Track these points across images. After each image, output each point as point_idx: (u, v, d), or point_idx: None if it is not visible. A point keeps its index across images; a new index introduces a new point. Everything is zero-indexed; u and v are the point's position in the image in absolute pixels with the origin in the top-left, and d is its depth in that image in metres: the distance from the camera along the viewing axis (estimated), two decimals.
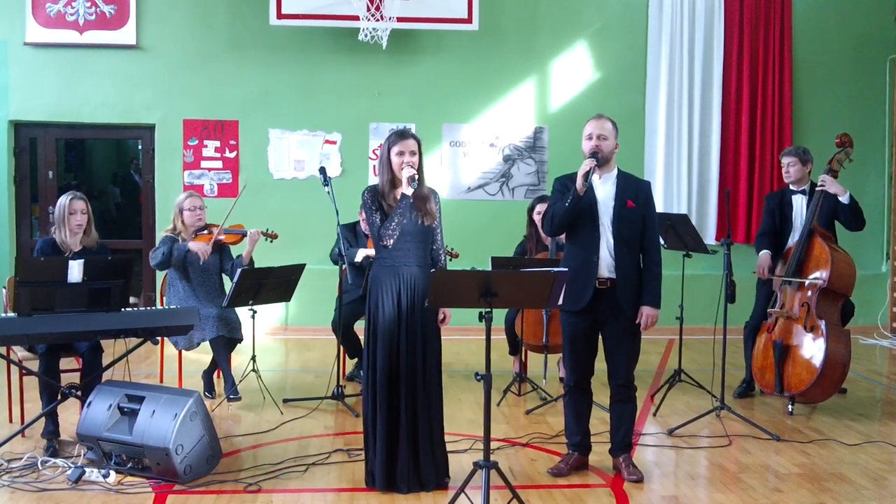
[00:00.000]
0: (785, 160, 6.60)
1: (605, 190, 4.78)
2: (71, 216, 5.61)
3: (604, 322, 4.84)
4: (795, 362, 6.18)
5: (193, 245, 6.41)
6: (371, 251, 6.69)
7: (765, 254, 6.56)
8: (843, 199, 6.34)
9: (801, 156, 6.54)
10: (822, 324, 6.09)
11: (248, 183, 9.40)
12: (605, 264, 4.76)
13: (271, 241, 6.81)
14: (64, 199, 5.66)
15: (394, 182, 4.70)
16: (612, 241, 4.76)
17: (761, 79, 9.84)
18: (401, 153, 4.64)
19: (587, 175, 4.64)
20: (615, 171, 4.87)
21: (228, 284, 6.36)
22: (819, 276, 6.16)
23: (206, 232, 6.61)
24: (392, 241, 4.60)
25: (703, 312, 6.98)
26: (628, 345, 4.87)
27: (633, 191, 4.85)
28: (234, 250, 6.82)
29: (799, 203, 6.58)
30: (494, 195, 9.80)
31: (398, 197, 4.64)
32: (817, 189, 6.35)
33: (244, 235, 6.63)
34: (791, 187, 6.63)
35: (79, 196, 5.67)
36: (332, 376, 6.56)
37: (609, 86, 9.81)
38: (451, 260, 7.06)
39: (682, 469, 5.16)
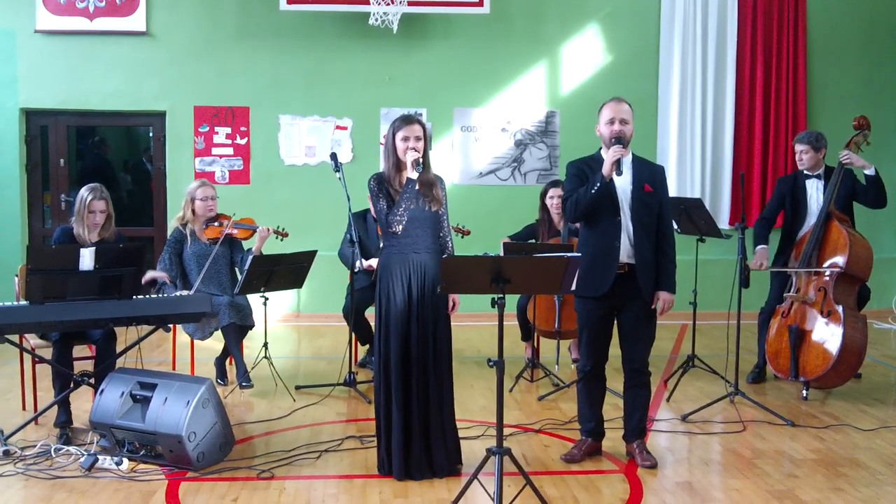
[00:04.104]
0: (798, 147, 6.54)
1: (623, 175, 4.72)
2: (90, 214, 5.59)
3: (621, 307, 4.81)
4: (811, 348, 6.14)
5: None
6: (373, 262, 6.60)
7: (761, 249, 6.55)
8: (869, 171, 6.28)
9: (813, 143, 6.46)
10: (840, 309, 6.04)
11: (259, 170, 9.45)
12: (625, 250, 4.72)
13: (282, 240, 6.81)
14: (85, 195, 5.59)
15: (399, 167, 4.67)
16: (631, 226, 4.72)
17: (775, 62, 9.76)
18: (406, 138, 4.61)
19: (619, 163, 4.60)
20: (630, 156, 4.82)
21: (239, 277, 6.36)
22: (836, 260, 6.11)
23: (216, 224, 6.59)
24: (401, 227, 4.57)
25: (717, 297, 6.92)
26: (645, 329, 4.85)
27: (649, 175, 4.81)
28: (245, 244, 6.81)
29: (813, 188, 6.52)
30: (506, 180, 9.76)
31: (404, 182, 4.61)
32: (840, 160, 6.27)
33: (255, 231, 6.62)
34: (805, 172, 6.57)
35: (99, 195, 5.60)
36: (343, 363, 6.56)
37: (621, 69, 9.74)
38: (462, 237, 7.04)
39: (695, 455, 5.13)
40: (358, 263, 6.57)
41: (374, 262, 6.53)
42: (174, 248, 6.50)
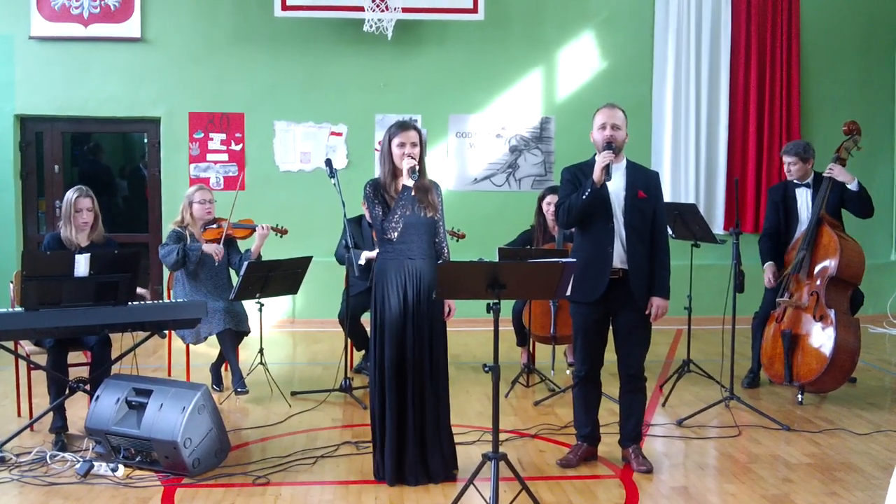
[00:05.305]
0: (786, 159, 6.55)
1: (616, 181, 4.73)
2: (77, 214, 5.58)
3: (615, 312, 4.82)
4: (805, 352, 6.15)
5: (208, 247, 6.40)
6: (373, 253, 6.62)
7: (770, 266, 6.56)
8: (852, 186, 6.30)
9: (801, 154, 6.48)
10: (832, 313, 6.06)
11: (254, 175, 9.44)
12: (618, 255, 4.74)
13: (281, 237, 6.81)
14: (70, 196, 5.60)
15: (395, 173, 4.68)
16: (624, 232, 4.73)
17: (769, 67, 9.79)
18: (402, 144, 4.61)
19: (607, 168, 4.61)
20: (624, 162, 4.84)
21: (235, 279, 6.35)
22: (827, 264, 6.13)
23: (214, 226, 6.60)
24: (396, 234, 4.57)
25: (712, 302, 6.94)
26: (640, 335, 4.86)
27: (643, 181, 4.82)
28: (242, 245, 6.81)
29: (803, 196, 6.54)
30: (501, 186, 9.77)
31: (399, 189, 4.61)
32: (825, 175, 6.31)
33: (253, 230, 6.62)
34: (794, 181, 6.59)
35: (85, 193, 5.62)
36: (339, 369, 6.56)
37: (616, 75, 9.77)
38: (457, 241, 7.03)
39: (691, 460, 5.14)
40: (363, 256, 6.58)
41: (374, 252, 6.50)
42: (181, 243, 6.45)
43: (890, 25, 10.09)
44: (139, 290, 5.57)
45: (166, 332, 6.27)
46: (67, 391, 5.31)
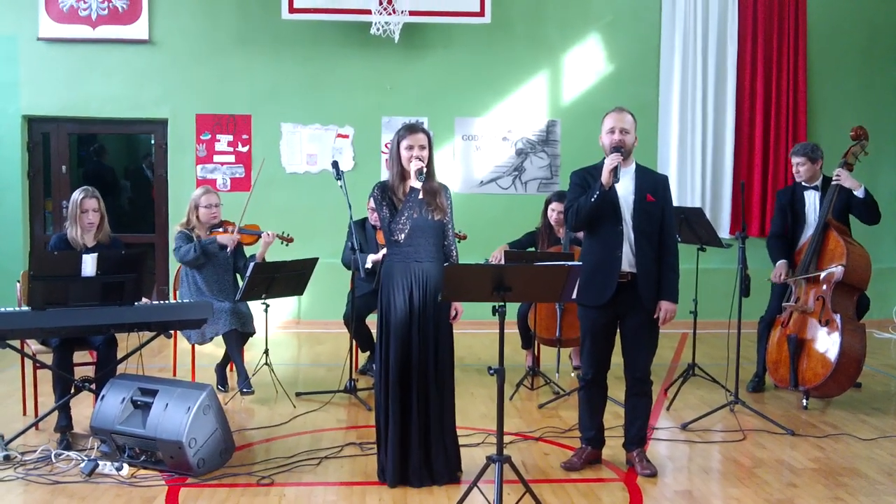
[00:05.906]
0: (794, 160, 6.54)
1: (624, 184, 4.74)
2: (83, 214, 5.60)
3: (623, 316, 4.82)
4: (810, 357, 6.14)
5: (223, 238, 6.46)
6: (378, 256, 6.63)
7: (782, 263, 6.51)
8: (858, 193, 6.29)
9: (809, 155, 6.47)
10: (838, 318, 6.05)
11: (261, 177, 9.44)
12: (627, 259, 4.73)
13: (287, 245, 6.82)
14: (77, 196, 5.63)
15: (403, 176, 4.68)
16: (632, 235, 4.73)
17: (775, 71, 9.78)
18: (410, 147, 4.62)
19: (615, 170, 4.61)
20: (633, 166, 4.84)
21: (241, 282, 6.37)
22: (834, 269, 6.12)
23: (221, 230, 6.61)
24: (403, 236, 4.58)
25: (718, 306, 6.92)
26: (647, 338, 4.85)
27: (652, 185, 4.82)
28: (248, 249, 6.82)
29: (811, 199, 6.53)
30: (507, 189, 9.78)
31: (407, 191, 4.62)
32: (833, 183, 6.30)
33: (259, 237, 6.64)
34: (802, 183, 6.58)
35: (90, 194, 5.64)
36: (344, 370, 6.57)
37: (622, 78, 9.77)
38: (458, 242, 7.04)
39: (695, 463, 5.14)
40: (369, 261, 6.59)
41: (380, 255, 6.51)
42: (192, 240, 6.47)
43: (894, 29, 10.07)
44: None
45: (171, 332, 6.29)
46: (73, 390, 5.33)
